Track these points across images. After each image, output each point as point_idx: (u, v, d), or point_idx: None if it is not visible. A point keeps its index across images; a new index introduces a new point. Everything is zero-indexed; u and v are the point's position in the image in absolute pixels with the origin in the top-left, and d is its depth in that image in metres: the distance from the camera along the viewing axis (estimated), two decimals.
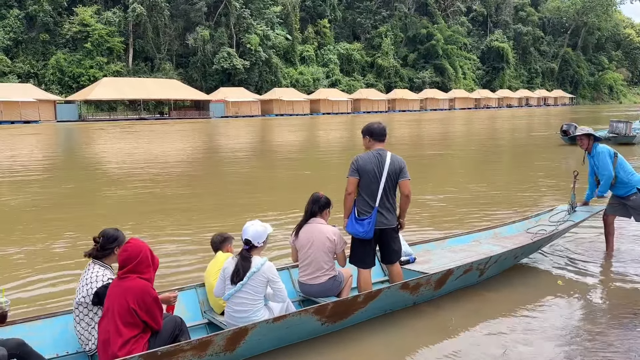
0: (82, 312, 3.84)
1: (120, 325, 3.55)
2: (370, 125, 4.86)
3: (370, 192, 4.70)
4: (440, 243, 6.34)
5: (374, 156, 4.73)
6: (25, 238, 8.06)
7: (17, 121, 47.83)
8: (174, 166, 17.54)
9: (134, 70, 64.96)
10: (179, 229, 8.45)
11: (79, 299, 3.82)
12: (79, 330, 3.86)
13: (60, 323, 4.04)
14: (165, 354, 3.38)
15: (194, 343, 3.50)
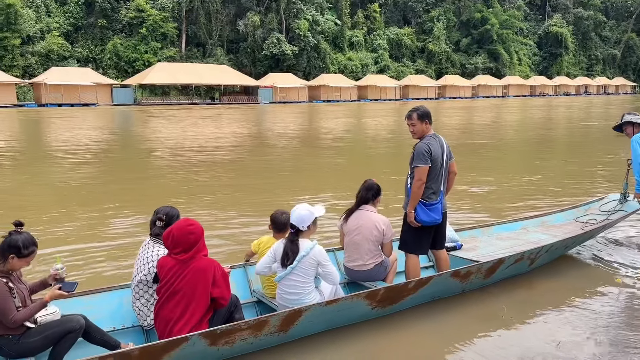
0: (142, 290, 3.98)
1: (188, 307, 3.62)
2: (425, 108, 4.81)
3: (436, 177, 4.70)
4: (486, 230, 6.27)
5: (438, 141, 4.73)
6: (83, 213, 8.47)
7: (77, 104, 49.86)
8: (224, 149, 17.89)
9: (187, 55, 66.30)
10: (226, 209, 8.66)
11: (140, 277, 3.95)
12: (137, 306, 4.01)
13: (116, 297, 4.21)
14: (224, 332, 3.49)
15: (251, 323, 3.61)
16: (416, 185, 4.65)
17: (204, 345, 3.46)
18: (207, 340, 3.46)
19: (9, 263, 3.41)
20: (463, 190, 9.91)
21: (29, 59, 54.67)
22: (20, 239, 3.43)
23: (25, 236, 3.47)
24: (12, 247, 3.40)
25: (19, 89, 51.49)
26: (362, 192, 4.80)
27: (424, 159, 4.62)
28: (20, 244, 3.41)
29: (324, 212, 4.27)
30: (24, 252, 3.43)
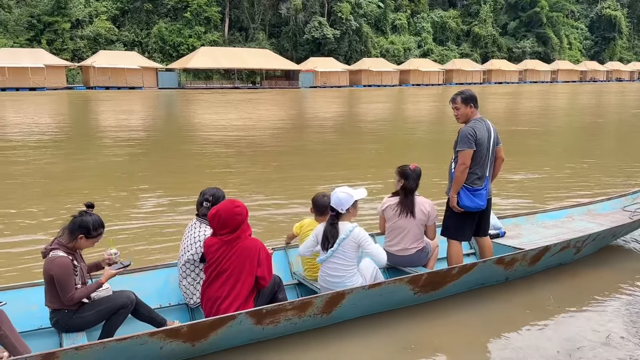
0: (188, 269, 4.07)
1: (234, 286, 3.69)
2: (470, 91, 4.69)
3: (482, 162, 4.58)
4: (530, 218, 6.13)
5: (484, 125, 4.61)
6: (127, 193, 8.73)
7: (123, 87, 51.14)
8: (263, 133, 18.05)
9: (229, 39, 66.84)
10: (263, 192, 8.75)
11: (187, 257, 4.04)
12: (184, 284, 4.10)
13: (162, 275, 4.33)
14: (270, 311, 3.56)
15: (296, 303, 3.67)
16: (459, 169, 4.54)
17: (249, 324, 3.53)
18: (253, 319, 3.53)
19: (77, 242, 3.55)
20: (507, 177, 9.69)
21: (78, 43, 56.29)
22: (91, 220, 3.56)
23: (95, 218, 3.60)
24: (82, 227, 3.53)
25: (69, 71, 53.12)
26: (412, 182, 4.68)
27: (469, 142, 4.50)
28: (90, 225, 3.55)
29: (365, 194, 4.24)
30: (93, 233, 3.57)
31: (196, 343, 3.42)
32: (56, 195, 8.65)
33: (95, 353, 3.06)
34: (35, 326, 3.76)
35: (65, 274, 3.43)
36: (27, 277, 4.84)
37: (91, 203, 3.69)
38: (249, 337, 3.67)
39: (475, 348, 3.85)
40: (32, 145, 14.54)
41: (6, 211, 7.68)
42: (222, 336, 3.47)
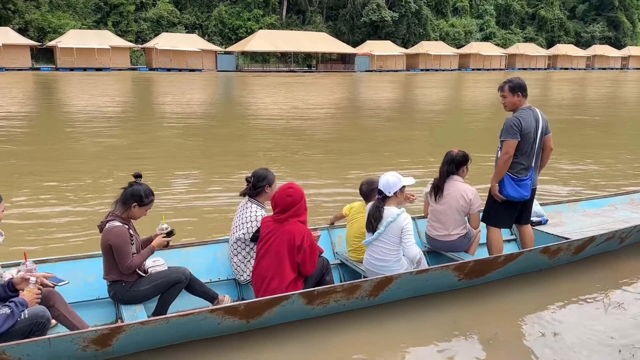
0: (239, 247, 4.21)
1: (276, 265, 3.85)
2: (519, 80, 4.62)
3: (528, 152, 4.55)
4: (572, 205, 6.09)
5: (532, 114, 4.56)
6: (182, 171, 9.04)
7: (184, 69, 52.45)
8: (316, 117, 18.11)
9: (287, 23, 67.05)
10: (312, 176, 8.84)
11: (238, 235, 4.17)
12: (235, 262, 4.25)
13: (211, 251, 4.52)
14: (321, 293, 3.71)
15: (346, 286, 3.80)
16: (502, 159, 4.55)
17: (301, 304, 3.69)
18: (305, 300, 3.69)
19: (131, 211, 3.72)
20: (550, 165, 9.43)
21: (141, 25, 58.06)
22: (142, 189, 3.74)
23: (145, 186, 3.78)
24: (134, 196, 3.71)
25: (132, 53, 54.92)
26: (444, 165, 4.74)
27: (513, 132, 4.49)
28: (142, 193, 3.72)
29: (413, 182, 4.28)
30: (145, 200, 3.74)
31: (251, 320, 3.60)
32: (114, 171, 9.08)
33: (159, 327, 3.25)
34: (93, 296, 4.00)
35: (123, 242, 3.61)
36: (88, 248, 5.14)
37: (139, 173, 3.86)
38: (299, 315, 3.83)
39: (520, 331, 3.87)
40: (100, 122, 15.26)
41: (76, 184, 8.16)
42: (275, 314, 3.64)
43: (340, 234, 4.98)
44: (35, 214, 6.73)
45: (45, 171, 9.27)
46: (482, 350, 3.65)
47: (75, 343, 3.05)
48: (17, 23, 50.73)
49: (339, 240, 4.93)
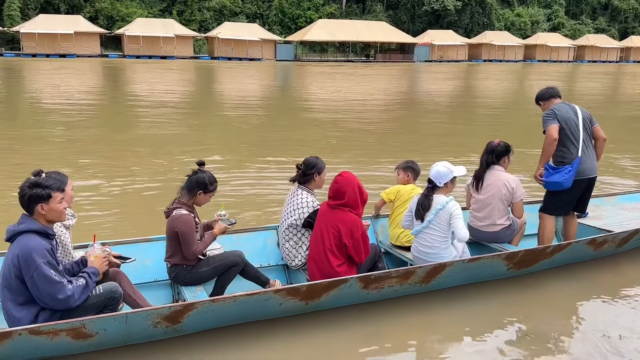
0: (291, 233, 4.30)
1: (328, 251, 3.94)
2: (546, 90, 4.97)
3: (571, 140, 4.66)
4: (610, 199, 6.17)
5: (566, 106, 4.76)
6: (241, 157, 9.22)
7: (244, 58, 53.32)
8: (371, 107, 17.98)
9: (346, 12, 66.74)
10: (364, 165, 8.81)
11: (290, 221, 4.25)
12: (287, 247, 4.34)
13: (261, 237, 4.67)
14: (377, 278, 3.83)
15: (401, 272, 3.91)
16: (546, 142, 4.68)
17: (358, 287, 3.80)
18: (361, 284, 3.80)
19: (196, 198, 3.84)
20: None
21: (204, 14, 59.45)
22: (206, 176, 3.85)
23: (208, 174, 3.89)
24: (200, 183, 3.82)
25: (196, 42, 56.36)
26: (485, 155, 4.77)
27: (549, 120, 4.69)
28: (206, 181, 3.83)
29: (464, 172, 4.31)
30: (209, 187, 3.86)
31: (309, 302, 3.72)
32: (170, 156, 9.38)
33: (227, 305, 3.39)
34: (151, 279, 4.18)
35: (190, 230, 3.73)
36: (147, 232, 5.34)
37: (202, 161, 3.97)
38: (354, 299, 3.95)
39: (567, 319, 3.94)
40: (166, 108, 15.80)
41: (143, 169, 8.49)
42: (332, 297, 3.76)
43: (383, 223, 5.03)
44: (98, 198, 7.05)
45: (112, 155, 9.69)
46: (526, 340, 3.65)
47: (149, 319, 3.20)
48: (88, 11, 53.17)
49: (382, 229, 5.01)
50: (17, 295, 2.99)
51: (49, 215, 3.06)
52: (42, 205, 3.02)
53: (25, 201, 3.02)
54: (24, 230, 2.99)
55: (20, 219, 3.06)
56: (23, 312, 2.99)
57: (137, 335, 3.27)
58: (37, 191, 3.00)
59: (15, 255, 2.93)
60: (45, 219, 3.06)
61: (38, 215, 3.04)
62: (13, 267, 2.95)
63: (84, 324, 2.97)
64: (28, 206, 3.03)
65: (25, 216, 3.06)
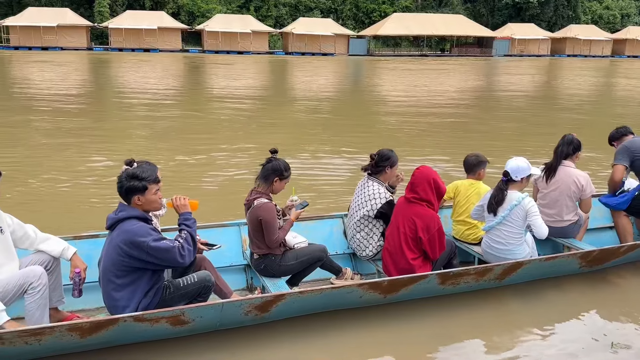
0: (362, 224, 4.34)
1: (404, 244, 3.96)
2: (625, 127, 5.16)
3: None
4: None
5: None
6: (314, 148, 9.35)
7: (317, 53, 53.71)
8: (444, 104, 17.59)
9: (422, 5, 65.57)
10: (432, 161, 8.65)
11: (363, 212, 4.28)
12: (357, 238, 4.38)
13: (328, 226, 4.75)
14: (455, 274, 3.89)
15: (479, 269, 3.95)
16: (611, 179, 4.93)
17: (435, 283, 3.87)
18: (439, 280, 3.86)
19: (273, 186, 3.91)
20: None
21: (280, 10, 60.46)
22: (281, 163, 3.92)
23: (283, 161, 3.95)
24: (275, 170, 3.88)
25: (271, 37, 57.47)
26: (561, 146, 4.69)
27: (619, 157, 4.89)
28: (282, 168, 3.90)
29: (539, 173, 4.39)
30: (285, 174, 3.92)
31: (388, 295, 3.79)
32: (251, 144, 9.64)
33: (313, 297, 3.50)
34: (227, 263, 4.31)
35: (272, 218, 3.82)
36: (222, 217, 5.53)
37: (275, 149, 4.03)
38: (429, 293, 4.00)
39: None
40: (245, 102, 16.30)
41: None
42: (410, 291, 3.83)
43: (445, 214, 4.98)
44: (177, 183, 7.38)
45: (194, 142, 10.11)
46: (599, 336, 3.63)
47: (242, 308, 3.34)
48: (171, 7, 55.60)
49: (445, 220, 4.94)
50: (120, 279, 3.16)
51: (145, 205, 3.21)
52: (138, 197, 3.17)
53: (123, 192, 3.18)
54: (125, 217, 3.16)
55: (119, 207, 3.22)
56: (124, 297, 3.16)
57: (228, 321, 3.43)
58: (134, 183, 3.14)
59: (122, 241, 3.08)
60: (141, 208, 3.22)
61: (135, 206, 3.20)
62: (121, 252, 3.09)
63: (183, 311, 3.15)
64: (125, 197, 3.19)
65: (123, 204, 3.23)
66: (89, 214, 6.08)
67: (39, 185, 7.19)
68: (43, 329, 2.88)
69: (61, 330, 2.90)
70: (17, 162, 8.39)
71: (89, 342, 3.07)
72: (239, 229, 4.50)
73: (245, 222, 4.38)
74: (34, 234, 3.45)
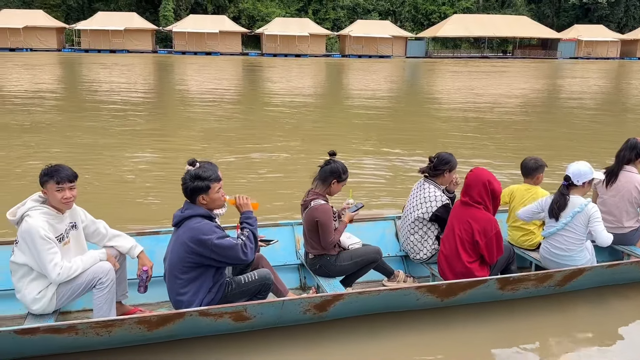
0: (417, 226, 4.28)
1: (460, 248, 3.89)
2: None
3: None
4: None
5: None
6: (376, 149, 9.32)
7: (374, 55, 53.53)
8: (503, 108, 17.08)
9: (484, 6, 64.01)
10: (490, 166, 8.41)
11: (417, 214, 4.23)
12: (411, 240, 4.33)
13: (380, 228, 4.74)
14: (515, 280, 3.82)
15: (540, 275, 3.88)
16: None
17: (494, 288, 3.81)
18: (499, 285, 3.81)
19: (331, 187, 3.92)
20: None
21: (338, 12, 60.65)
22: (339, 166, 3.93)
23: (341, 163, 3.97)
24: (334, 172, 3.90)
25: (328, 40, 57.76)
26: (624, 151, 4.54)
27: None
28: (340, 170, 3.91)
29: (601, 178, 4.29)
30: (343, 176, 3.93)
31: (445, 299, 3.76)
32: (309, 148, 9.72)
33: (371, 297, 3.52)
34: (281, 262, 4.36)
35: (329, 219, 3.84)
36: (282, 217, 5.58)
37: (334, 151, 4.04)
38: (487, 297, 3.95)
39: None
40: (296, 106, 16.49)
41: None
42: (468, 295, 3.79)
43: (501, 219, 4.76)
44: (243, 184, 7.54)
45: (257, 143, 10.32)
46: None
47: (301, 306, 3.40)
48: (232, 12, 56.97)
49: (500, 225, 4.78)
50: (185, 275, 3.27)
51: (210, 204, 3.33)
52: (202, 196, 3.28)
53: (188, 192, 3.30)
54: (190, 215, 3.28)
55: (184, 206, 3.35)
56: (189, 293, 3.28)
57: (287, 319, 3.49)
58: (197, 183, 3.26)
59: (189, 238, 3.20)
60: (205, 207, 3.33)
61: (200, 204, 3.31)
62: (188, 249, 3.22)
63: (245, 307, 3.24)
64: (190, 196, 3.31)
65: (188, 203, 3.35)
66: (150, 211, 6.33)
67: (100, 180, 7.54)
68: (114, 321, 3.02)
69: (130, 323, 3.04)
70: (85, 159, 8.82)
71: (155, 335, 3.19)
72: (292, 228, 4.55)
73: (298, 222, 4.45)
74: (104, 230, 3.59)
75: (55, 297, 3.24)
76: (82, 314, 3.76)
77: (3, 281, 3.65)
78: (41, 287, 3.23)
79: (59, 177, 3.20)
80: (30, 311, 3.27)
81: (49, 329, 2.91)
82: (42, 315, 3.27)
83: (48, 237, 3.14)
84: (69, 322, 2.95)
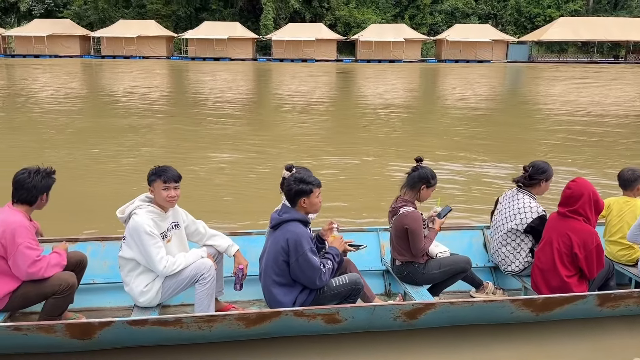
0: (509, 237, 4.14)
1: (558, 261, 3.73)
2: None
3: None
4: None
5: None
6: (457, 157, 9.12)
7: (472, 60, 51.91)
8: (609, 118, 15.90)
9: (594, 9, 59.83)
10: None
11: (511, 226, 4.09)
12: (503, 252, 4.19)
13: (467, 237, 4.64)
14: (617, 297, 3.65)
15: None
16: None
17: (593, 304, 3.65)
18: (598, 301, 3.64)
19: (420, 193, 3.92)
20: None
21: (435, 17, 59.52)
22: (427, 172, 3.90)
23: (429, 169, 3.92)
24: (422, 178, 3.88)
25: (424, 45, 56.86)
26: None
27: None
28: (429, 176, 3.89)
29: None
30: (432, 182, 3.91)
31: (540, 313, 3.64)
32: (394, 153, 9.68)
33: (464, 308, 3.48)
34: (366, 267, 4.37)
35: (419, 227, 3.83)
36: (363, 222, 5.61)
37: (421, 157, 4.00)
38: (585, 314, 3.78)
39: None
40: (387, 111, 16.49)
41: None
42: (564, 310, 3.65)
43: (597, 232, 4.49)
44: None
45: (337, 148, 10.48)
46: None
47: (392, 313, 3.41)
48: (329, 19, 57.83)
49: None
50: (280, 277, 3.41)
51: (309, 208, 3.45)
52: (304, 200, 3.40)
53: (292, 195, 3.42)
54: (288, 219, 3.41)
55: (282, 209, 3.48)
56: (283, 293, 3.41)
57: (377, 324, 3.53)
58: (302, 187, 3.37)
59: (285, 240, 3.33)
60: (304, 211, 3.45)
61: (299, 208, 3.44)
62: (282, 251, 3.35)
63: (338, 310, 3.31)
64: (293, 199, 3.43)
65: (286, 206, 3.48)
66: (240, 213, 6.61)
67: (196, 183, 7.99)
68: (216, 317, 3.17)
69: (230, 318, 3.18)
70: (189, 164, 9.43)
71: (251, 332, 3.32)
72: (377, 234, 4.56)
73: (383, 228, 4.47)
74: (204, 230, 3.80)
75: (161, 291, 3.45)
76: (180, 309, 3.96)
77: (114, 274, 3.89)
78: (148, 280, 3.44)
79: (166, 177, 3.42)
80: (137, 303, 3.48)
81: (157, 321, 3.08)
82: (147, 308, 3.46)
83: (153, 233, 3.36)
84: (175, 316, 3.09)
